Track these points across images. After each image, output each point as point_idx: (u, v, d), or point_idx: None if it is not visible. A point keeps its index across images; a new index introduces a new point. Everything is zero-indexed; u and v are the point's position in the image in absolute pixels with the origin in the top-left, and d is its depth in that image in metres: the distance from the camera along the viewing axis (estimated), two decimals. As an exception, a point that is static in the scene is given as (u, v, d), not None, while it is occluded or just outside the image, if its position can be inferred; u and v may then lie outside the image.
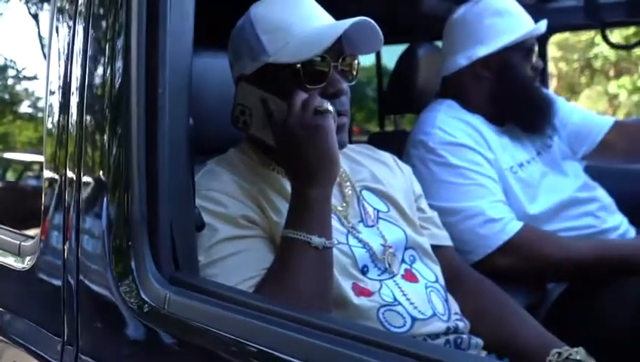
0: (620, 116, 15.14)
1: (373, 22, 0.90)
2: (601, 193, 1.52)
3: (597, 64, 14.62)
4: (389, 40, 2.15)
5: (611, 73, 14.86)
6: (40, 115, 1.03)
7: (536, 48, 1.48)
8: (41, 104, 1.02)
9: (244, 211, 0.89)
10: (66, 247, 0.84)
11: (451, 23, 1.52)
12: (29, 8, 1.17)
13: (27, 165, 1.21)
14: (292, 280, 0.81)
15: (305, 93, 0.88)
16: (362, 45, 0.95)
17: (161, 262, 0.72)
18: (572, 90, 15.93)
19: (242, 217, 0.88)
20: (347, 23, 0.88)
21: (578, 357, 0.96)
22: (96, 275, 0.78)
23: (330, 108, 0.86)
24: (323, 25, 0.93)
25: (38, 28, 1.09)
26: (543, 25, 1.45)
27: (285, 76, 0.91)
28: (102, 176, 0.80)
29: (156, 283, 0.70)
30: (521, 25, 1.44)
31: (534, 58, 1.46)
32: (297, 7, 0.94)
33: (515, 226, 1.31)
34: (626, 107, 15.74)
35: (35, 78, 1.13)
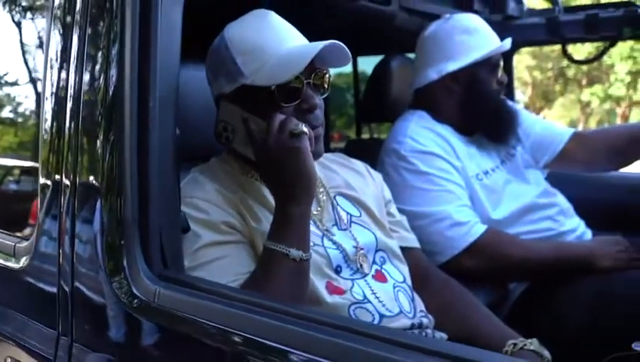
0: (593, 123, 15.48)
1: (341, 44, 0.95)
2: (560, 199, 1.62)
3: (570, 73, 14.96)
4: (365, 52, 2.25)
5: (584, 82, 15.21)
6: (35, 120, 1.06)
7: (502, 63, 1.57)
8: (36, 110, 1.05)
9: (225, 218, 0.94)
10: (61, 248, 0.88)
11: (423, 39, 1.61)
12: (25, 16, 1.19)
13: (22, 170, 1.23)
14: (271, 287, 0.87)
15: (282, 115, 0.93)
16: (332, 61, 0.99)
17: (151, 261, 0.78)
18: (547, 98, 16.25)
19: (224, 223, 0.93)
20: (319, 46, 0.92)
21: (532, 348, 1.04)
22: (91, 273, 0.83)
23: (305, 129, 0.91)
24: (296, 46, 0.97)
25: (34, 35, 1.12)
26: (507, 42, 1.55)
27: (262, 96, 0.95)
28: (95, 181, 0.84)
29: (147, 279, 0.76)
30: (488, 42, 1.53)
31: (500, 73, 1.56)
32: (270, 28, 0.98)
33: (479, 229, 1.40)
34: (598, 114, 16.10)
35: (30, 84, 1.15)
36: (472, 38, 1.52)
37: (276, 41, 0.96)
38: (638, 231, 1.60)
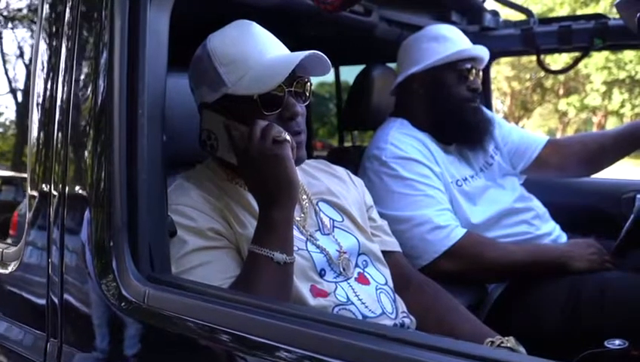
0: (570, 131, 15.74)
1: (321, 54, 0.96)
2: (536, 203, 1.67)
3: (548, 83, 15.25)
4: (347, 61, 2.29)
5: (561, 92, 15.51)
6: (23, 131, 1.06)
7: (478, 72, 1.60)
8: (24, 120, 1.05)
9: (211, 224, 0.96)
10: (50, 251, 0.89)
11: (400, 48, 1.67)
12: (14, 26, 1.20)
13: (7, 179, 1.23)
14: (256, 289, 0.88)
15: (264, 122, 0.95)
16: (313, 70, 1.01)
17: (140, 263, 0.80)
18: (525, 108, 16.51)
19: (210, 230, 0.95)
20: (300, 56, 0.94)
21: (508, 345, 1.07)
22: (80, 275, 0.84)
23: (288, 137, 0.93)
24: (278, 56, 0.98)
25: (22, 46, 1.12)
26: (479, 49, 1.57)
27: (244, 104, 0.97)
28: (84, 191, 0.85)
29: (136, 280, 0.77)
30: (454, 47, 1.56)
31: (472, 79, 1.58)
32: (252, 38, 0.99)
33: (459, 233, 1.44)
34: (575, 123, 16.40)
35: (18, 94, 1.16)
36: (438, 45, 1.57)
37: (258, 51, 0.98)
38: (610, 234, 1.66)
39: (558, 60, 10.22)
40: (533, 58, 1.94)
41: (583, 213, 1.87)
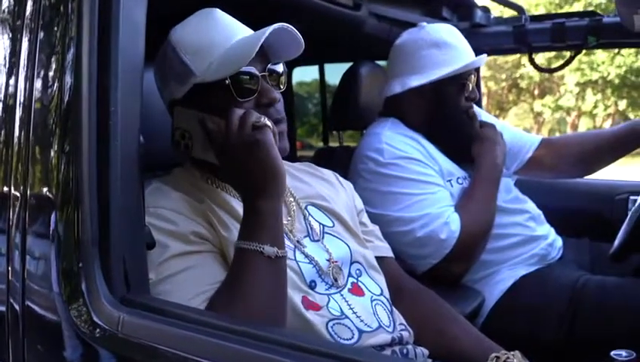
0: (545, 131, 16.08)
1: (290, 26, 0.91)
2: (530, 206, 1.62)
3: (523, 84, 15.50)
4: (332, 59, 2.22)
5: (536, 92, 15.78)
6: None
7: (473, 78, 1.52)
8: None
9: (193, 227, 0.89)
10: (9, 269, 0.81)
11: (393, 48, 1.58)
12: None
13: None
14: (246, 290, 0.82)
15: (241, 110, 0.89)
16: (284, 51, 0.96)
17: (113, 283, 0.71)
18: (501, 108, 16.77)
19: (192, 233, 0.88)
20: (266, 31, 0.89)
21: (515, 361, 1.01)
22: (44, 299, 0.75)
23: (268, 122, 0.87)
24: (245, 37, 0.94)
25: None
26: (479, 60, 1.50)
27: (217, 93, 0.91)
28: (49, 194, 0.78)
29: (109, 305, 0.68)
30: (458, 58, 1.48)
31: (470, 88, 1.51)
32: (217, 24, 0.96)
33: (454, 220, 1.38)
34: (549, 123, 16.72)
35: None
36: (441, 53, 1.48)
37: (224, 36, 0.94)
38: (603, 236, 1.63)
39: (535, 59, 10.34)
40: (510, 58, 1.90)
41: (575, 214, 1.85)
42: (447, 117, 1.51)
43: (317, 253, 1.00)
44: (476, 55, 1.52)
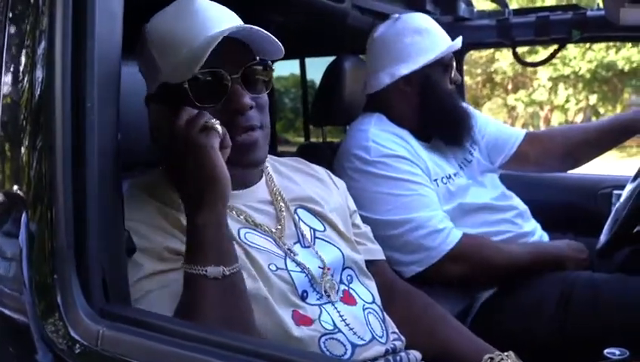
0: (519, 125, 16.30)
1: (255, 27, 0.84)
2: (517, 201, 1.61)
3: (497, 78, 15.67)
4: (314, 52, 2.17)
5: (509, 87, 15.98)
6: None
7: (454, 63, 1.54)
8: None
9: (167, 242, 0.83)
10: None
11: (372, 41, 1.55)
12: None
13: None
14: (199, 316, 0.75)
15: (194, 110, 0.81)
16: (265, 52, 0.89)
17: (91, 294, 0.66)
18: (475, 103, 16.94)
19: (166, 249, 0.83)
20: (223, 33, 0.82)
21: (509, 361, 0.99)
22: (15, 313, 0.70)
23: (218, 126, 0.79)
24: (210, 35, 0.85)
25: None
26: (458, 41, 1.52)
27: (180, 95, 0.84)
28: (20, 191, 0.73)
29: (87, 318, 0.63)
30: (440, 42, 1.50)
31: (453, 72, 1.53)
32: (192, 16, 0.88)
33: (457, 235, 1.37)
34: (523, 118, 16.96)
35: None
36: (423, 39, 1.49)
37: (195, 32, 0.85)
38: (587, 231, 1.63)
39: (507, 56, 10.43)
40: (484, 53, 1.89)
41: (559, 209, 1.84)
42: (438, 102, 1.49)
43: (309, 260, 0.95)
44: None
